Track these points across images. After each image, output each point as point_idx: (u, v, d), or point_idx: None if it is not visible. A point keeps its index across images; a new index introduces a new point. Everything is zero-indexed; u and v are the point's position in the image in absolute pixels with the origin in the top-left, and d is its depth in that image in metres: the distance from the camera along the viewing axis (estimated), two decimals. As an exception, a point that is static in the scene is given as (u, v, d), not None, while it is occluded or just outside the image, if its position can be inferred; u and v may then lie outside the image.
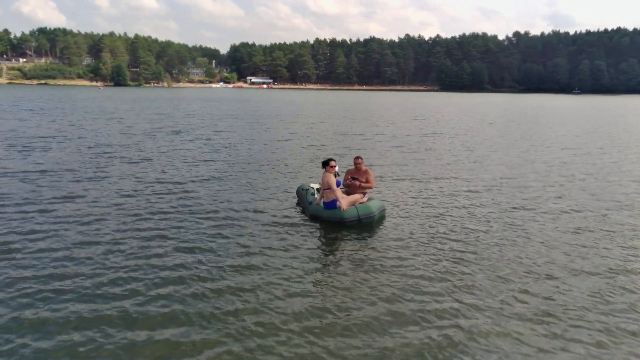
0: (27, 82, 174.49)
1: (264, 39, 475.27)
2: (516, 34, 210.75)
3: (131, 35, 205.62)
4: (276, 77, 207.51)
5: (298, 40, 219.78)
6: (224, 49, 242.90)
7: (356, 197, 8.80)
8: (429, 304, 5.52)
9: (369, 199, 8.99)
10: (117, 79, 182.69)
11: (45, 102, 47.30)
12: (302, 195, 9.64)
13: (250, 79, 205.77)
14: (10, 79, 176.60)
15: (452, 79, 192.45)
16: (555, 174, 13.82)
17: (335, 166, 8.70)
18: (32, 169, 12.97)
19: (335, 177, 9.03)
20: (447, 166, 14.97)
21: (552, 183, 12.55)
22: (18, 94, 71.31)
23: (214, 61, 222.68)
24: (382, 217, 8.86)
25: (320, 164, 8.93)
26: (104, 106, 43.77)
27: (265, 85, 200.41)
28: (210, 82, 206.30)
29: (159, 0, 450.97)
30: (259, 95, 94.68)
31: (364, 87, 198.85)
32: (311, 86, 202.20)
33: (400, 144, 20.45)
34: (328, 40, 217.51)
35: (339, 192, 8.48)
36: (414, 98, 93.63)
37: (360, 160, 9.42)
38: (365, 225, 8.39)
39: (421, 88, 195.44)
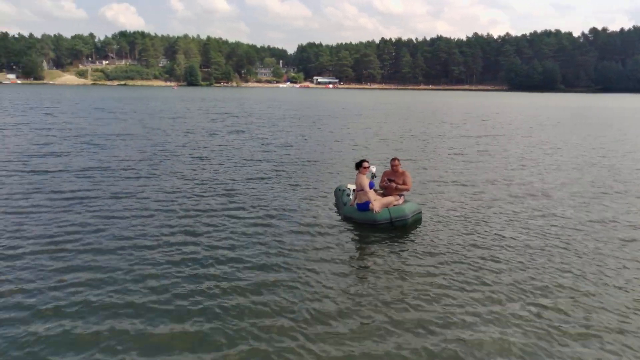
0: (108, 82, 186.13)
1: (331, 39, 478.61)
2: (593, 30, 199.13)
3: (203, 37, 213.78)
4: (342, 76, 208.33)
5: (364, 40, 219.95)
6: (291, 49, 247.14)
7: (390, 199, 8.62)
8: (448, 315, 5.33)
9: (405, 202, 8.80)
10: (189, 79, 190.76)
11: (116, 102, 50.42)
12: (339, 196, 9.64)
13: (317, 79, 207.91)
14: (95, 80, 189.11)
15: (522, 79, 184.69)
16: (616, 182, 12.82)
17: (368, 167, 8.58)
18: (94, 165, 13.92)
19: (372, 178, 8.97)
20: (495, 170, 14.43)
21: (609, 191, 11.70)
22: (97, 94, 76.55)
23: (281, 61, 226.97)
24: (417, 220, 8.61)
25: (354, 165, 8.87)
26: (174, 105, 45.95)
27: (331, 85, 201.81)
28: (277, 81, 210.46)
29: (230, 3, 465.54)
30: (324, 95, 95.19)
31: (430, 86, 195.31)
32: (376, 86, 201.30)
33: (453, 145, 19.96)
34: (394, 40, 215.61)
35: (372, 194, 8.37)
36: (481, 98, 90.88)
37: (397, 161, 9.26)
38: (398, 228, 8.21)
39: (489, 88, 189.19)
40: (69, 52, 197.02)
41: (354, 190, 9.19)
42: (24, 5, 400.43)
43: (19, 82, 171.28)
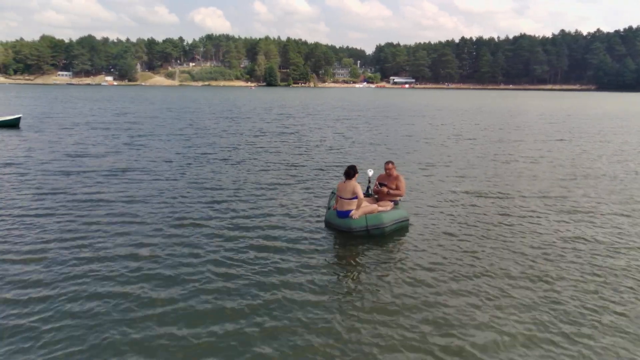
0: (193, 83, 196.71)
1: (409, 39, 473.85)
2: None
3: (284, 38, 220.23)
4: (419, 76, 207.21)
5: (443, 40, 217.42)
6: (369, 50, 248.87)
7: (372, 207, 8.19)
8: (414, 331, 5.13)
9: (393, 208, 8.39)
10: (268, 80, 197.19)
11: (190, 102, 52.39)
12: (329, 199, 9.26)
13: (393, 79, 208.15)
14: (181, 81, 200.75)
15: (611, 77, 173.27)
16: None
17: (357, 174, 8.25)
18: (120, 165, 14.69)
19: (368, 182, 8.96)
20: (528, 181, 12.97)
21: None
22: (176, 94, 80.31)
23: (358, 62, 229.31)
24: (402, 229, 8.22)
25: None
26: (239, 105, 46.99)
27: (407, 85, 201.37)
28: (354, 82, 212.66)
29: (311, 4, 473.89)
30: (399, 95, 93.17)
31: (510, 86, 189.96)
32: (454, 86, 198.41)
33: (499, 151, 18.59)
34: (474, 39, 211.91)
35: (364, 202, 8.08)
36: (571, 99, 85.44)
37: (391, 165, 8.76)
38: (375, 236, 7.88)
39: (575, 87, 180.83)
40: (160, 55, 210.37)
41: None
42: (122, 12, 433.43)
43: (115, 83, 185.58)
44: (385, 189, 8.55)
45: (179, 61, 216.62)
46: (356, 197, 7.92)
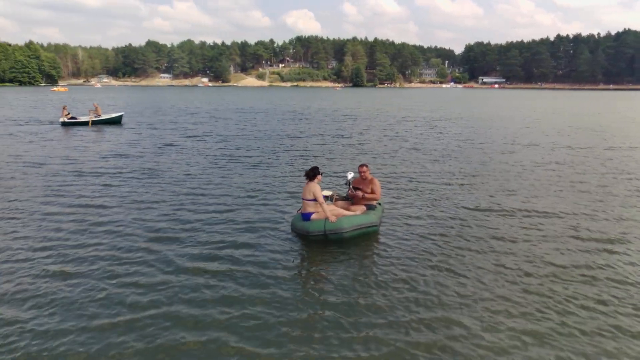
0: (282, 84, 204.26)
1: (501, 37, 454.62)
2: None
3: (371, 38, 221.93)
4: (510, 76, 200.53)
5: (537, 37, 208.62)
6: (458, 49, 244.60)
7: (338, 211, 7.93)
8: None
9: (364, 213, 8.08)
10: (355, 80, 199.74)
11: (265, 104, 52.98)
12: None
13: (482, 79, 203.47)
14: (271, 81, 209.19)
15: None
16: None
17: (320, 175, 7.91)
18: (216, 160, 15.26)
19: (347, 185, 8.74)
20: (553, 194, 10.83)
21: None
22: (261, 95, 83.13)
23: (446, 62, 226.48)
24: (367, 235, 7.81)
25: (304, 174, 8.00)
26: (306, 106, 46.11)
27: (496, 85, 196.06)
28: (441, 82, 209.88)
29: (400, 4, 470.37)
30: (487, 96, 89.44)
31: (611, 86, 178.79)
32: (547, 86, 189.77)
33: (553, 160, 15.65)
34: (571, 36, 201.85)
35: (324, 205, 7.66)
36: None
37: (364, 168, 8.47)
38: (333, 241, 7.52)
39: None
40: (252, 56, 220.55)
41: (325, 196, 8.38)
42: (220, 17, 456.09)
43: (209, 84, 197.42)
44: (360, 193, 8.34)
45: (269, 62, 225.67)
46: (320, 199, 7.61)
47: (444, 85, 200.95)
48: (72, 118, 26.63)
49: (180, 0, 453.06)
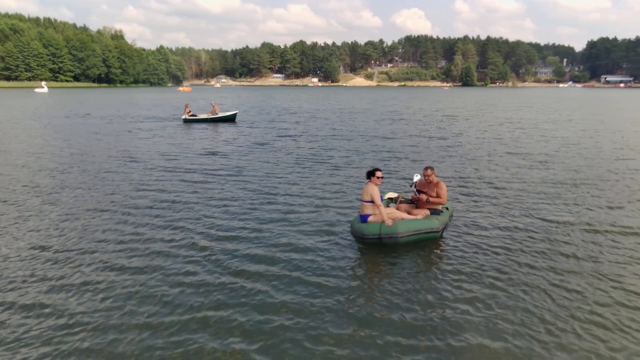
0: (390, 84, 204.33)
1: (630, 32, 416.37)
2: None
3: (483, 37, 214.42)
4: (639, 74, 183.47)
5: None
6: (578, 46, 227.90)
7: (397, 214, 7.57)
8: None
9: (426, 217, 7.65)
10: (464, 80, 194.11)
11: (366, 104, 51.87)
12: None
13: (605, 77, 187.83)
14: (379, 81, 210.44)
15: None
16: None
17: (381, 177, 7.59)
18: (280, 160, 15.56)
19: (412, 187, 8.35)
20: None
21: None
22: (369, 95, 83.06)
23: (565, 59, 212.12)
24: (427, 241, 7.45)
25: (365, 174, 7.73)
26: (406, 107, 44.59)
27: (622, 84, 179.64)
28: (558, 81, 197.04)
29: (517, 0, 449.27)
30: (607, 96, 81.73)
31: None
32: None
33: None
34: None
35: (382, 208, 7.36)
36: None
37: (429, 171, 8.06)
38: (389, 246, 7.25)
39: None
40: (361, 57, 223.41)
41: (392, 198, 8.46)
42: (331, 18, 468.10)
43: (319, 84, 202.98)
44: (424, 197, 7.96)
45: (377, 62, 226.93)
46: (377, 201, 7.34)
47: (560, 85, 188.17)
48: (192, 115, 29.08)
49: (295, 3, 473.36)
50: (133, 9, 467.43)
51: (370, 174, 7.52)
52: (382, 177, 7.58)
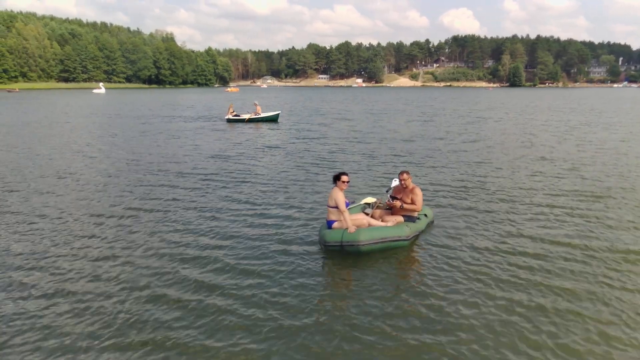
0: (435, 84, 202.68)
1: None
2: None
3: (533, 36, 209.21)
4: None
5: None
6: (636, 45, 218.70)
7: (363, 220, 7.29)
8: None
9: (396, 224, 7.33)
10: (512, 80, 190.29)
11: (402, 105, 51.12)
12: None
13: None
14: (424, 82, 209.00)
15: None
16: None
17: (347, 182, 7.25)
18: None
19: (387, 192, 8.11)
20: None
21: None
22: (410, 95, 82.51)
23: (620, 58, 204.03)
24: (391, 249, 7.07)
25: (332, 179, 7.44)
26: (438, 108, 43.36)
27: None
28: (612, 81, 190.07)
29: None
30: None
31: None
32: None
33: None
34: None
35: (346, 214, 7.04)
36: None
37: (405, 175, 7.68)
38: (351, 253, 6.94)
39: None
40: (406, 57, 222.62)
41: (367, 203, 8.20)
42: (377, 18, 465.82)
43: (363, 85, 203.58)
44: (397, 203, 7.59)
45: (423, 62, 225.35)
46: (341, 207, 7.02)
47: (615, 85, 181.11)
48: (235, 115, 29.95)
49: (341, 4, 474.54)
50: (184, 12, 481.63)
51: (336, 179, 7.22)
52: (348, 182, 7.23)
